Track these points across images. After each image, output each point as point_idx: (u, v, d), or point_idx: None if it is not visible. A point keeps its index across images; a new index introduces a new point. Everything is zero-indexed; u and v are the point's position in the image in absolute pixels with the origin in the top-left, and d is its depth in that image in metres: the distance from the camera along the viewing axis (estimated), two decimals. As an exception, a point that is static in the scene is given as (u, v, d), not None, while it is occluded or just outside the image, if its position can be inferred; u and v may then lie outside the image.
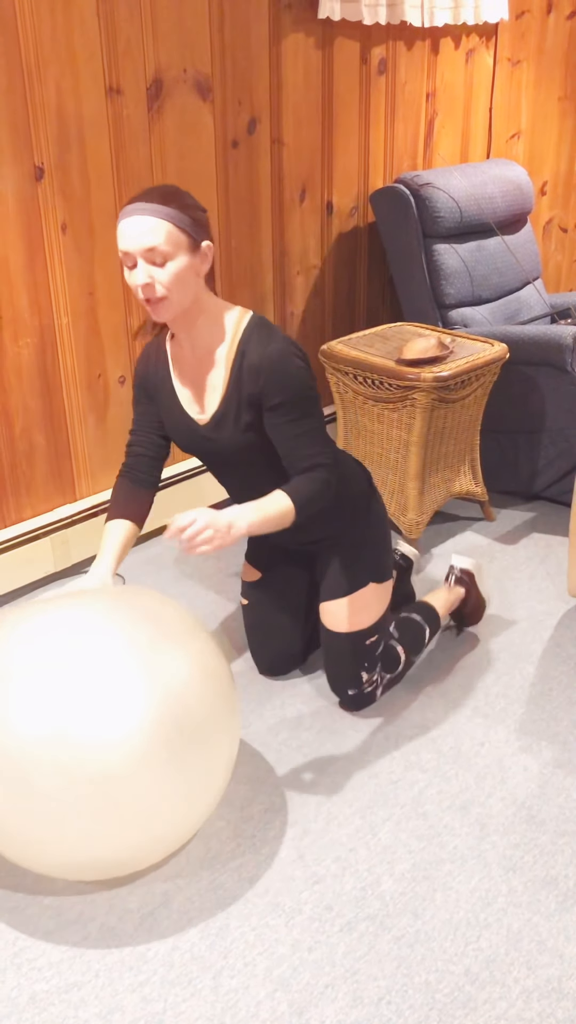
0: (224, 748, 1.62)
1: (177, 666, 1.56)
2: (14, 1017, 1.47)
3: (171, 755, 1.51)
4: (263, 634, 2.22)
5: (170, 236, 1.63)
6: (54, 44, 2.21)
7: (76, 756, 1.45)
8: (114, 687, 1.49)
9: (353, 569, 2.03)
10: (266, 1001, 1.49)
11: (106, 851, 1.53)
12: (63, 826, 1.48)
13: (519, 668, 2.27)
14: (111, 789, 1.46)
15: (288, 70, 2.77)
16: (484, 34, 3.38)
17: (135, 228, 1.62)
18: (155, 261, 1.64)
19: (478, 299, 3.12)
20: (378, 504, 2.09)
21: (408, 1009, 1.48)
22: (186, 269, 1.67)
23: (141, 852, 1.57)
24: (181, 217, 1.64)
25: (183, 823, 1.59)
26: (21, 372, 2.41)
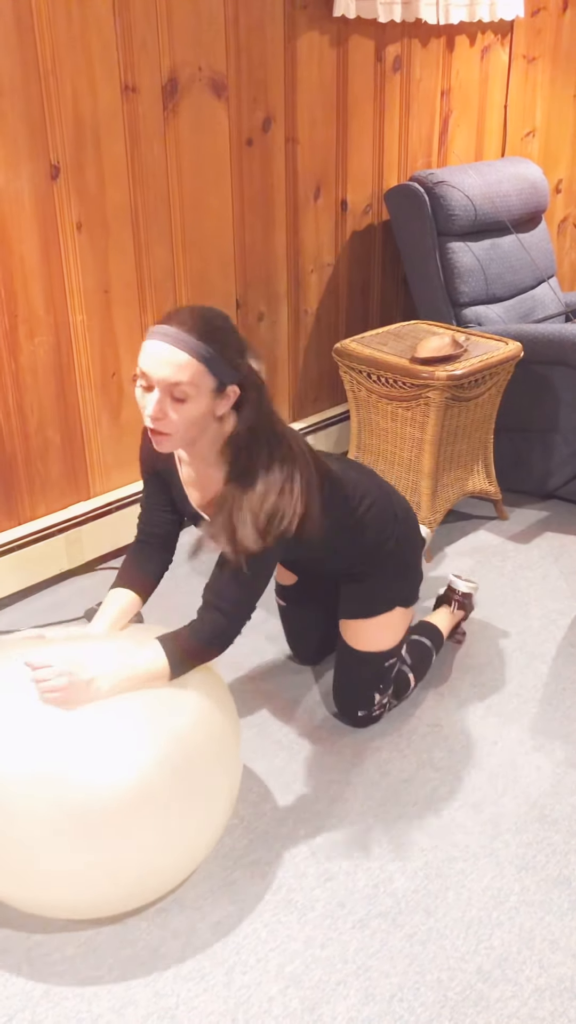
0: (223, 794, 1.60)
1: (180, 711, 1.54)
2: (28, 1011, 1.48)
3: (169, 800, 1.48)
4: (300, 632, 2.25)
5: (197, 378, 1.49)
6: (70, 43, 2.22)
7: (70, 798, 1.42)
8: (114, 729, 1.47)
9: (381, 593, 1.99)
10: (278, 997, 1.50)
11: (95, 893, 1.49)
12: (48, 866, 1.45)
13: (532, 667, 2.26)
14: (103, 831, 1.44)
15: (303, 68, 2.77)
16: (499, 31, 3.37)
17: (163, 356, 1.48)
18: (173, 396, 1.51)
19: (492, 297, 3.11)
20: (411, 530, 2.01)
21: (420, 1007, 1.48)
22: (203, 413, 1.53)
23: (130, 895, 1.54)
24: (216, 361, 1.50)
25: (176, 867, 1.56)
26: (36, 370, 2.42)
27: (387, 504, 1.95)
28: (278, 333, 3.02)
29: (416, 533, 2.03)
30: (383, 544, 1.93)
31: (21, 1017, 1.47)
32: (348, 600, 2.02)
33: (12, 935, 1.60)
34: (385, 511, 1.93)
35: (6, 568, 2.48)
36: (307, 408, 3.23)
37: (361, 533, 1.90)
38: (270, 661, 2.31)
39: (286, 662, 2.31)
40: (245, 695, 2.19)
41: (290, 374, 3.12)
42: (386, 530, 1.93)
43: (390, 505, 1.95)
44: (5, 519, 2.51)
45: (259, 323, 2.95)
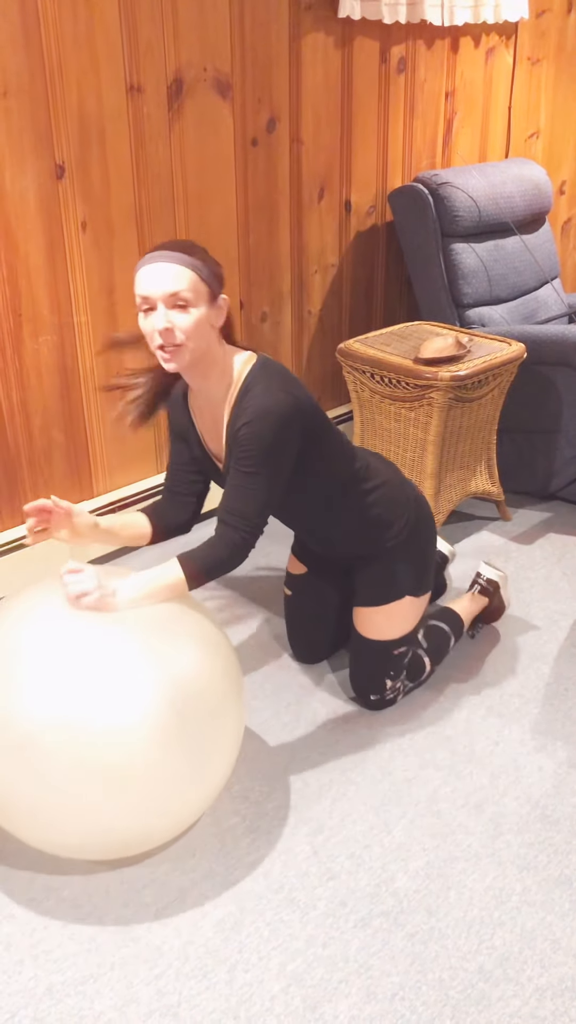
0: (229, 731, 1.65)
1: (183, 653, 1.59)
2: (31, 1007, 1.48)
3: (177, 739, 1.54)
4: (302, 625, 2.27)
5: (193, 284, 1.63)
6: (76, 43, 2.22)
7: (84, 740, 1.48)
8: (122, 674, 1.52)
9: (392, 581, 2.03)
10: (280, 995, 1.50)
11: (115, 830, 1.56)
12: (73, 806, 1.51)
13: (534, 668, 2.27)
14: (120, 771, 1.50)
15: (308, 69, 2.77)
16: (504, 33, 3.37)
17: (160, 273, 1.62)
18: (176, 306, 1.63)
19: (496, 298, 3.11)
20: (424, 523, 2.05)
21: (421, 1006, 1.48)
22: (204, 319, 1.66)
23: (149, 832, 1.60)
24: (204, 268, 1.64)
25: (190, 804, 1.62)
26: (40, 370, 2.43)
27: (400, 488, 2.02)
28: (281, 333, 3.03)
29: (430, 525, 2.07)
30: (392, 525, 1.98)
31: (23, 1014, 1.48)
32: (362, 587, 2.06)
33: (15, 931, 1.61)
34: (397, 494, 2.00)
35: (10, 566, 2.49)
36: (310, 408, 3.23)
37: (370, 507, 1.95)
38: (272, 662, 2.31)
39: (288, 662, 2.31)
40: (246, 694, 2.19)
41: (294, 374, 3.12)
42: (395, 511, 1.98)
43: (403, 490, 2.02)
44: (9, 518, 2.51)
45: (262, 323, 2.95)
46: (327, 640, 2.26)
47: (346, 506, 1.94)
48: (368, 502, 1.95)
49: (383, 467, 2.02)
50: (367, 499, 1.95)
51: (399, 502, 2.00)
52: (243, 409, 1.71)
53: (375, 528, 1.97)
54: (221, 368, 1.75)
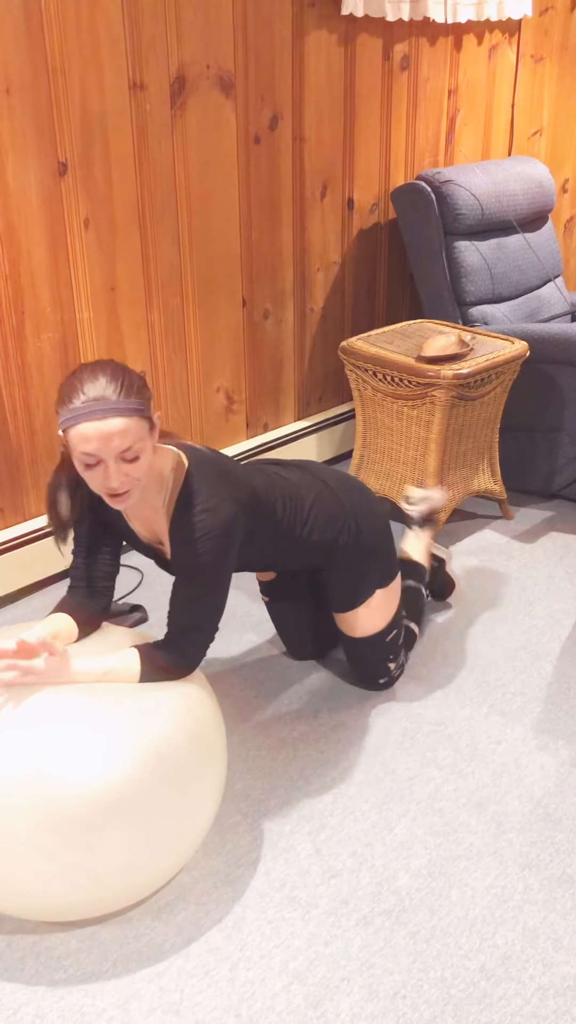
0: (207, 795, 1.60)
1: (164, 714, 1.55)
2: (33, 1004, 1.49)
3: (148, 801, 1.48)
4: (289, 627, 2.26)
5: (140, 431, 1.52)
6: (79, 40, 2.22)
7: (47, 800, 1.42)
8: (92, 731, 1.47)
9: (357, 583, 2.02)
10: (282, 993, 1.50)
11: (72, 896, 1.49)
12: (26, 867, 1.44)
13: (536, 666, 2.26)
14: (82, 833, 1.43)
15: (311, 66, 2.77)
16: (507, 30, 3.36)
17: (104, 430, 1.48)
18: (126, 459, 1.53)
19: (498, 297, 3.11)
20: (366, 516, 2.01)
21: (423, 1004, 1.48)
22: (151, 454, 1.58)
23: (113, 897, 1.53)
24: (141, 406, 1.53)
25: (159, 869, 1.56)
26: (43, 366, 2.43)
27: (331, 499, 1.97)
28: (284, 331, 3.03)
29: (371, 512, 2.02)
30: (336, 539, 1.97)
31: (25, 1011, 1.48)
32: (331, 594, 2.06)
33: (16, 930, 1.61)
34: (329, 507, 1.96)
35: (11, 564, 2.49)
36: (312, 406, 3.23)
37: (308, 537, 1.93)
38: (272, 658, 2.31)
39: (288, 660, 2.31)
40: (247, 693, 2.19)
41: (296, 372, 3.12)
42: (334, 526, 1.96)
43: (335, 499, 1.97)
44: (11, 515, 2.51)
45: (265, 321, 2.95)
46: (314, 637, 2.26)
47: (287, 546, 1.92)
48: (306, 532, 1.92)
49: (306, 484, 1.95)
50: (305, 530, 1.92)
51: (334, 513, 1.96)
52: (186, 524, 1.64)
53: (321, 547, 1.96)
54: (155, 477, 1.67)
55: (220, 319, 2.80)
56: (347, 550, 1.98)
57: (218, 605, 1.70)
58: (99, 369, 1.53)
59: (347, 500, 1.99)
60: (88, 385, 1.50)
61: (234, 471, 1.76)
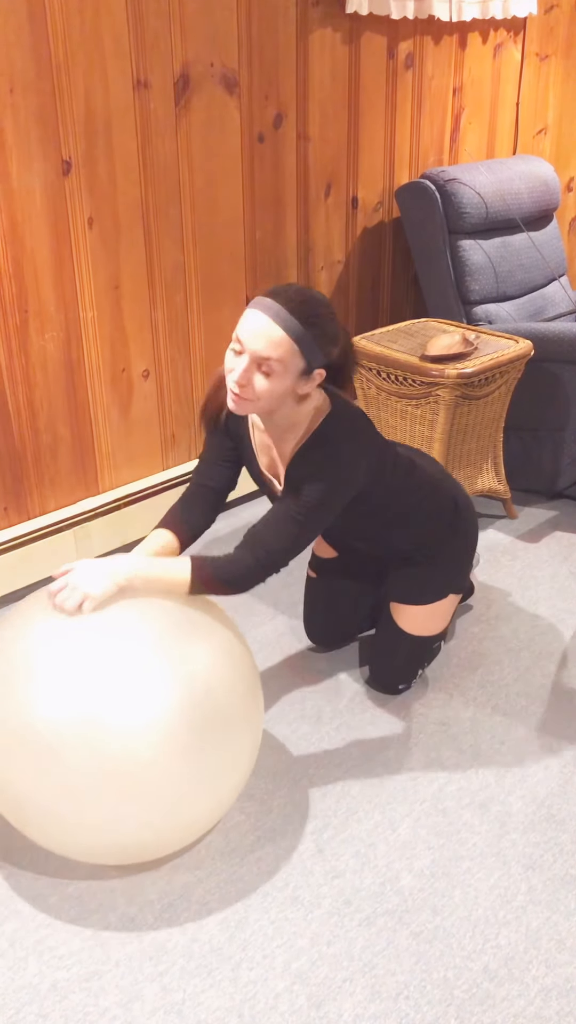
0: (247, 737, 1.64)
1: (202, 656, 1.58)
2: (36, 1004, 1.49)
3: (195, 742, 1.53)
4: (324, 608, 2.26)
5: (288, 356, 1.56)
6: (83, 38, 2.22)
7: (103, 740, 1.47)
8: (141, 675, 1.51)
9: (437, 580, 2.04)
10: (284, 994, 1.50)
11: (128, 835, 1.55)
12: (88, 808, 1.50)
13: (540, 666, 2.26)
14: (136, 774, 1.49)
15: (315, 65, 2.76)
16: (512, 28, 3.36)
17: (260, 329, 1.54)
18: (261, 369, 1.57)
19: (503, 295, 3.10)
20: (467, 523, 2.05)
21: (426, 1005, 1.48)
22: (284, 389, 1.60)
23: (163, 838, 1.59)
24: (310, 344, 1.56)
25: (205, 811, 1.61)
26: (46, 365, 2.43)
27: (447, 491, 2.01)
28: (288, 330, 3.02)
29: (473, 519, 2.08)
30: (437, 529, 1.99)
31: (28, 1011, 1.48)
32: (401, 583, 2.06)
33: (19, 928, 1.61)
34: (443, 498, 2.00)
35: (15, 562, 2.49)
36: (316, 405, 3.23)
37: (421, 518, 1.96)
38: (278, 659, 2.31)
39: (295, 659, 2.31)
40: (253, 692, 2.19)
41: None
42: (443, 516, 1.99)
43: (450, 493, 2.02)
44: (15, 514, 2.51)
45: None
46: (346, 626, 2.27)
47: (397, 515, 1.94)
48: (422, 514, 1.95)
49: (429, 469, 2.00)
50: (420, 510, 1.95)
51: (445, 504, 2.00)
52: (308, 462, 1.69)
53: (425, 532, 1.98)
54: (291, 417, 1.71)
55: (224, 318, 2.80)
56: (445, 544, 2.01)
57: (299, 543, 1.70)
58: (309, 293, 1.58)
59: (460, 499, 2.04)
60: (290, 294, 1.56)
61: (371, 430, 1.78)
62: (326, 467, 1.68)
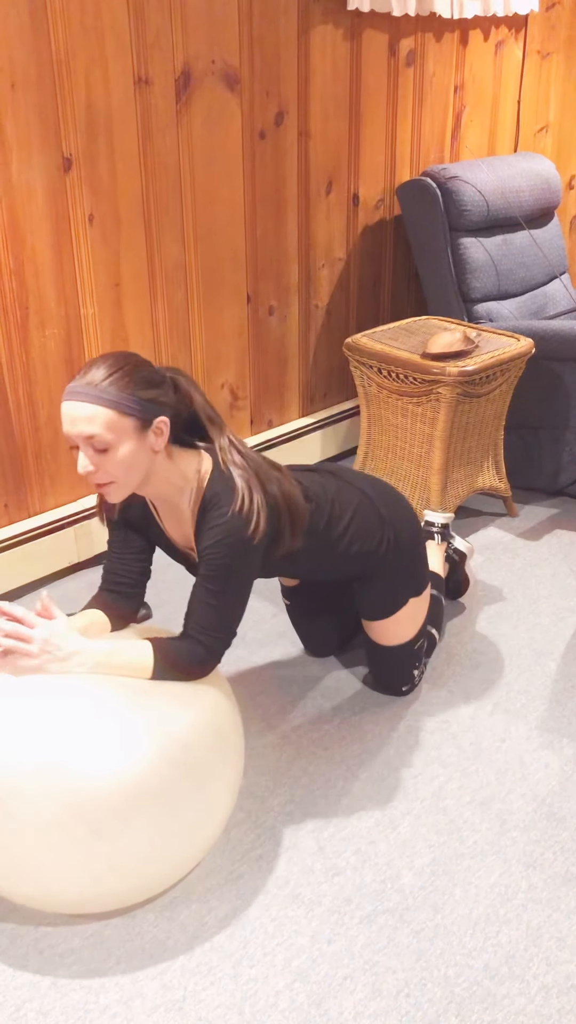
0: (224, 788, 1.60)
1: (181, 703, 1.55)
2: (36, 1001, 1.48)
3: (168, 793, 1.48)
4: (308, 628, 2.27)
5: (110, 424, 1.49)
6: (84, 34, 2.21)
7: (69, 790, 1.42)
8: (108, 721, 1.47)
9: (392, 592, 2.00)
10: (285, 991, 1.50)
11: (96, 887, 1.49)
12: (48, 859, 1.45)
13: (541, 664, 2.26)
14: (103, 824, 1.44)
15: (316, 62, 2.76)
16: (514, 26, 3.35)
17: (73, 414, 1.49)
18: (95, 448, 1.51)
19: (504, 293, 3.10)
20: (404, 528, 1.97)
21: (427, 1002, 1.48)
22: (134, 453, 1.53)
23: (132, 889, 1.54)
24: (124, 400, 1.49)
25: (178, 861, 1.56)
26: (47, 362, 2.42)
27: (370, 509, 1.92)
28: (288, 327, 3.02)
29: (407, 522, 1.99)
30: (375, 550, 1.92)
31: (28, 1007, 1.48)
32: (362, 602, 2.03)
33: (19, 926, 1.61)
34: (369, 518, 1.91)
35: (16, 560, 2.49)
36: (317, 403, 3.23)
37: (348, 548, 1.88)
38: (279, 655, 2.31)
39: (294, 657, 2.31)
40: (252, 689, 2.19)
41: (300, 368, 3.11)
42: (374, 536, 1.91)
43: (374, 509, 1.93)
44: (15, 511, 2.51)
45: (269, 317, 2.94)
46: (335, 637, 2.27)
47: (325, 559, 1.88)
48: (346, 543, 1.88)
49: (346, 495, 1.90)
50: (344, 541, 1.87)
51: (372, 523, 1.91)
52: (207, 524, 1.60)
53: (360, 558, 1.92)
54: (173, 483, 1.64)
55: (224, 315, 2.80)
56: (385, 560, 1.94)
57: (238, 611, 1.66)
58: (106, 357, 1.53)
59: (385, 510, 1.95)
60: (86, 369, 1.52)
61: (264, 474, 1.69)
62: (229, 523, 1.59)
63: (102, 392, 1.49)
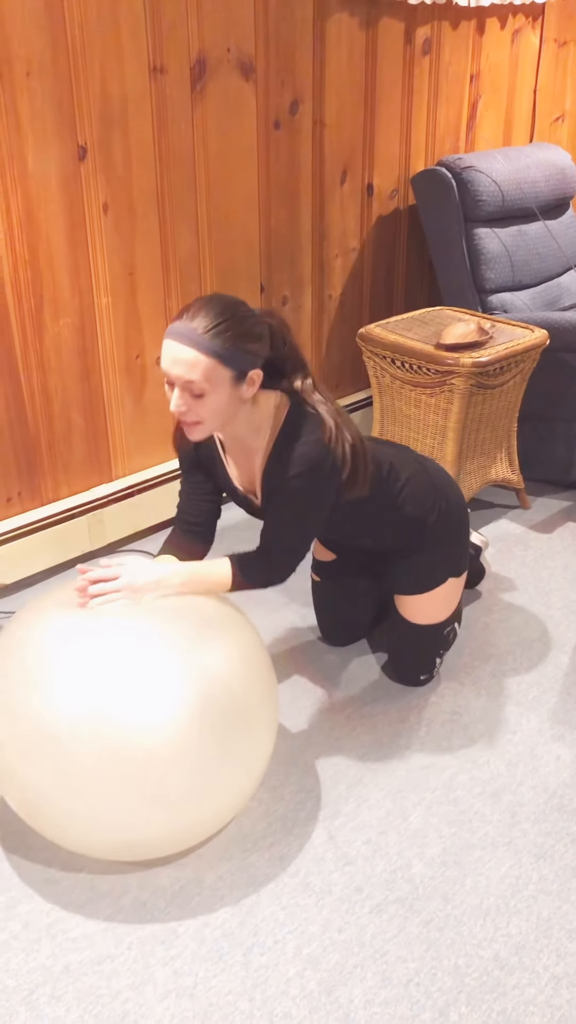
0: (263, 737, 1.64)
1: (219, 654, 1.58)
2: (49, 986, 1.50)
3: (210, 740, 1.53)
4: (332, 610, 2.27)
5: (210, 372, 1.54)
6: (99, 23, 2.21)
7: (117, 736, 1.47)
8: (157, 671, 1.51)
9: (434, 568, 2.03)
10: (295, 979, 1.51)
11: (140, 832, 1.55)
12: (100, 804, 1.50)
13: (552, 657, 2.26)
14: (150, 770, 1.48)
15: (332, 50, 2.74)
16: (531, 14, 3.32)
17: (174, 355, 1.55)
18: (192, 393, 1.57)
19: (518, 284, 3.09)
20: (454, 504, 2.03)
21: (437, 991, 1.49)
22: (226, 402, 1.60)
23: (175, 835, 1.59)
24: (227, 352, 1.54)
25: (218, 809, 1.61)
26: (61, 352, 2.43)
27: (425, 477, 1.99)
28: (302, 317, 3.01)
29: (458, 498, 2.06)
30: (425, 517, 1.97)
31: (41, 992, 1.49)
32: (401, 576, 2.05)
33: (32, 911, 1.62)
34: (424, 484, 1.98)
35: (29, 549, 2.50)
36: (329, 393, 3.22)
37: (401, 508, 1.94)
38: (291, 645, 2.31)
39: (307, 647, 2.31)
40: (265, 679, 2.20)
41: (313, 359, 3.11)
42: (426, 503, 1.97)
43: (428, 478, 2.00)
44: (28, 500, 2.52)
45: (283, 307, 2.94)
46: (359, 623, 2.28)
47: (380, 515, 1.94)
48: (400, 502, 1.93)
49: (404, 459, 1.99)
50: (399, 500, 1.93)
51: (426, 490, 1.98)
52: (284, 458, 1.68)
53: (411, 522, 1.96)
54: (252, 423, 1.71)
55: (238, 305, 2.79)
56: (434, 530, 1.99)
57: (312, 534, 1.76)
58: (214, 302, 1.57)
59: (439, 481, 2.02)
60: (193, 311, 1.55)
61: (344, 417, 1.75)
62: (305, 453, 1.66)
63: (208, 340, 1.53)
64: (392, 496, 1.92)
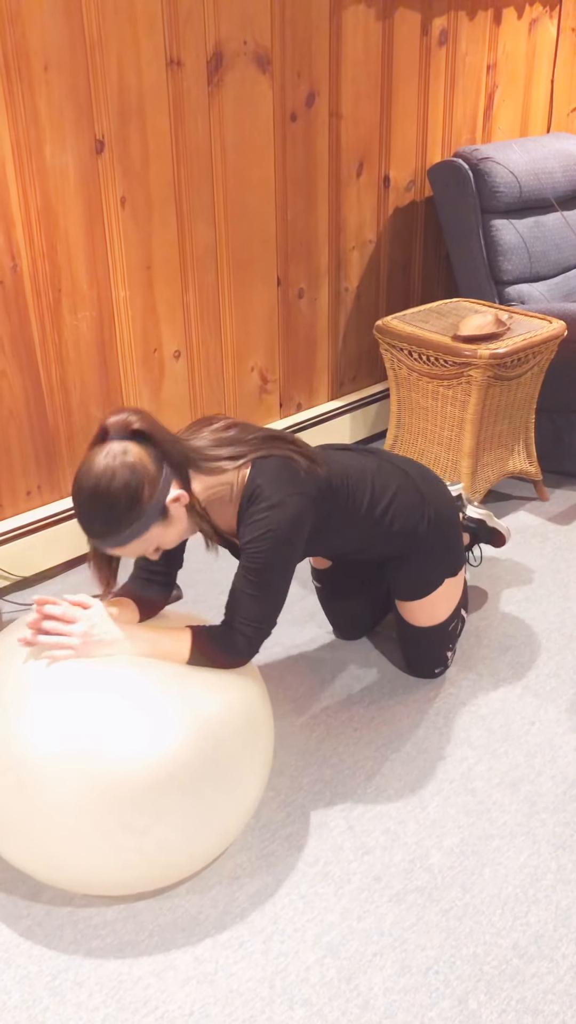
0: (252, 781, 1.61)
1: (211, 692, 1.56)
2: (72, 971, 1.52)
3: (198, 779, 1.49)
4: (338, 610, 2.28)
5: (136, 545, 1.58)
6: (116, 16, 2.21)
7: (101, 775, 1.43)
8: (139, 705, 1.48)
9: (428, 572, 2.01)
10: (315, 967, 1.52)
11: (116, 871, 1.51)
12: (78, 840, 1.47)
13: (570, 648, 2.25)
14: (134, 809, 1.45)
15: (348, 42, 2.74)
16: (548, 3, 3.31)
17: (109, 551, 1.62)
18: (137, 553, 1.62)
19: (536, 275, 3.07)
20: (443, 509, 1.99)
21: (456, 979, 1.49)
22: (169, 531, 1.61)
23: (152, 875, 1.55)
24: (133, 528, 1.54)
25: (206, 846, 1.57)
26: (79, 345, 2.44)
27: (411, 488, 1.95)
28: (318, 310, 3.01)
29: (446, 501, 2.02)
30: (415, 528, 1.94)
31: (64, 977, 1.51)
32: (398, 582, 2.04)
33: (55, 898, 1.64)
34: (410, 497, 1.93)
35: (47, 541, 2.51)
36: (346, 386, 3.22)
37: (389, 526, 1.91)
38: (309, 637, 2.32)
39: (324, 637, 2.32)
40: (282, 671, 2.21)
41: (330, 352, 3.11)
42: (414, 516, 1.94)
43: (414, 487, 1.95)
44: (48, 492, 2.53)
45: (299, 300, 2.94)
46: (365, 620, 2.29)
47: (368, 535, 1.91)
48: (388, 521, 1.90)
49: (386, 473, 1.93)
50: (386, 519, 1.90)
51: (413, 501, 1.94)
52: (250, 518, 1.65)
53: (400, 536, 1.93)
54: (216, 489, 1.68)
55: (255, 298, 2.80)
56: (424, 539, 1.96)
57: (278, 601, 1.68)
58: (88, 499, 1.53)
59: (425, 489, 1.98)
60: (82, 519, 1.56)
61: (298, 467, 1.70)
62: (270, 517, 1.63)
63: (114, 538, 1.56)
64: (377, 519, 1.89)
